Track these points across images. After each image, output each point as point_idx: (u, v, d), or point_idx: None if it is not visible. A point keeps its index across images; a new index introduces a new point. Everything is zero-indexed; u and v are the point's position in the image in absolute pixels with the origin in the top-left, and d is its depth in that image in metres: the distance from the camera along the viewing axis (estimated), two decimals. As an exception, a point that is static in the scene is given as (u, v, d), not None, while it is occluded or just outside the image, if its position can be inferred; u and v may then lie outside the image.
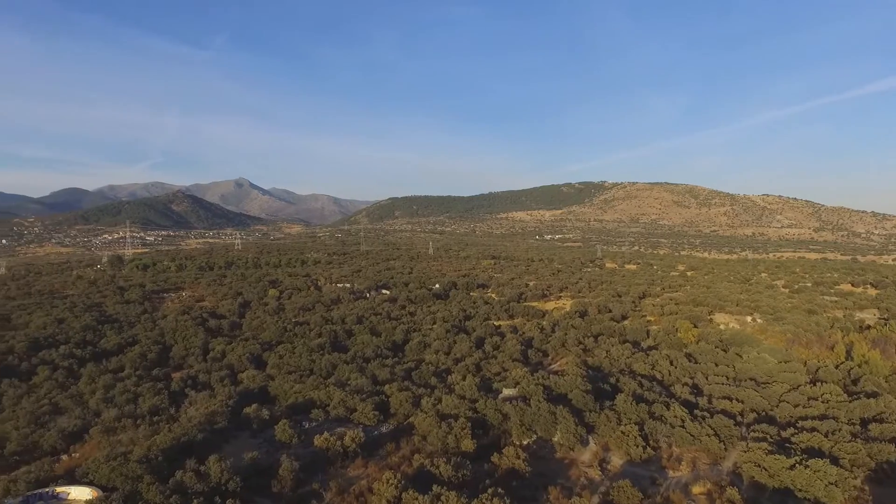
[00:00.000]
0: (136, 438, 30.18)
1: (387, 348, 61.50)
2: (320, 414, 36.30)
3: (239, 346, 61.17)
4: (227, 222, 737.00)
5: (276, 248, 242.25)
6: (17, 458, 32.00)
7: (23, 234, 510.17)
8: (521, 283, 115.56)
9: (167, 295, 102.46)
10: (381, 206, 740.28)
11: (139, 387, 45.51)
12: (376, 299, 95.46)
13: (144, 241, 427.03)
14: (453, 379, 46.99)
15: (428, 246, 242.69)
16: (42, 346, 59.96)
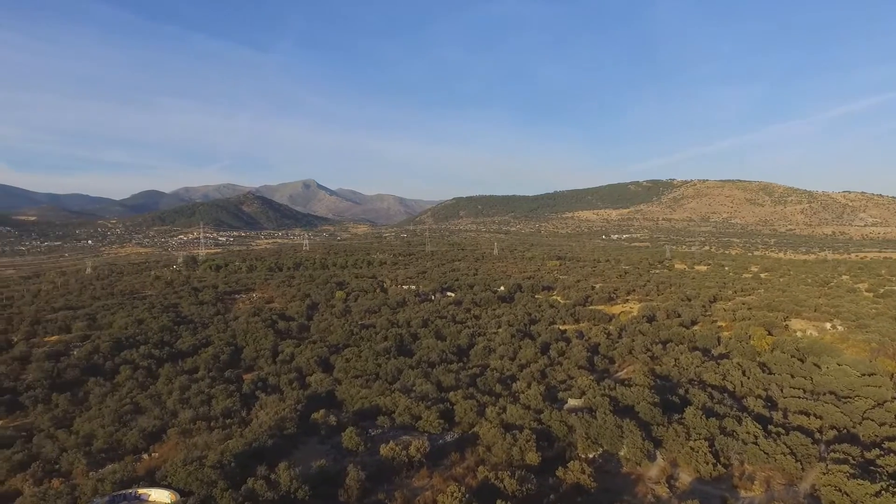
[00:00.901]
0: (210, 442, 31.65)
1: (451, 353, 61.84)
2: (386, 421, 37.00)
3: (307, 348, 62.85)
4: (295, 223, 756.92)
5: (342, 248, 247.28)
6: (103, 454, 34.15)
7: (106, 234, 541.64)
8: (586, 286, 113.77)
9: (238, 296, 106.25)
10: (446, 206, 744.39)
11: (213, 388, 47.54)
12: (441, 302, 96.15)
13: (217, 242, 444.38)
14: (518, 387, 46.92)
15: (493, 246, 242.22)
16: (124, 346, 63.49)
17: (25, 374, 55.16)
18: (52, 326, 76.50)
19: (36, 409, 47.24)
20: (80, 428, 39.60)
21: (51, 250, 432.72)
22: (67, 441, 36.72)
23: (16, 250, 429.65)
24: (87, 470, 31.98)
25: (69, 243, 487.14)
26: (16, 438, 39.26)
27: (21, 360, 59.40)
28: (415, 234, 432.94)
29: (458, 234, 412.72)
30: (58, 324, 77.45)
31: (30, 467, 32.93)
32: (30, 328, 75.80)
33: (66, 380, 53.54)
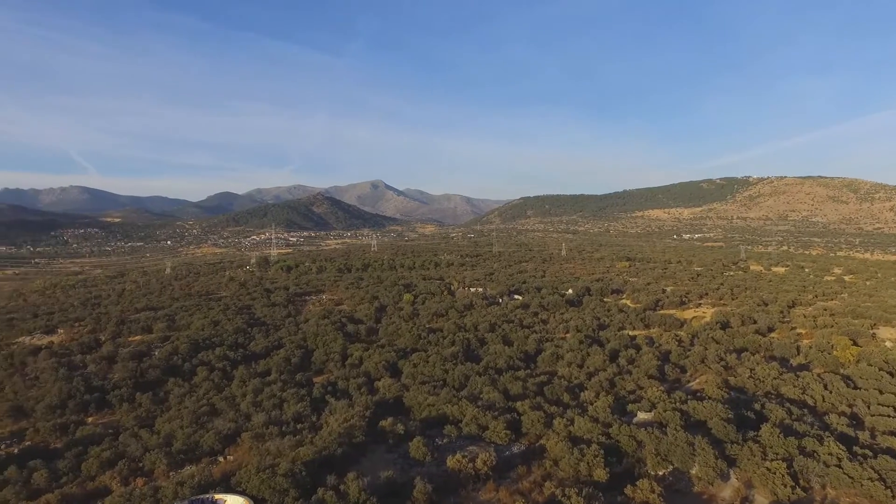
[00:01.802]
0: (282, 447, 32.76)
1: (519, 359, 61.56)
2: (453, 430, 37.24)
3: (375, 352, 63.89)
4: (363, 223, 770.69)
5: (410, 249, 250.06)
6: (182, 455, 35.90)
7: (184, 235, 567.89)
8: (657, 289, 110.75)
9: (309, 298, 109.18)
10: (513, 205, 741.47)
11: (284, 392, 49.10)
12: (508, 305, 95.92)
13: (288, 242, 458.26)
14: (586, 396, 46.30)
15: (560, 247, 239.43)
16: (201, 348, 66.45)
17: (112, 373, 58.63)
18: (135, 327, 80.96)
19: (122, 408, 50.20)
20: (162, 428, 41.77)
21: (133, 250, 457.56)
22: (150, 440, 38.77)
23: (102, 250, 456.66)
24: (167, 470, 33.75)
25: (150, 244, 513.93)
26: (104, 436, 41.82)
27: (108, 360, 63.17)
28: (482, 234, 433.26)
29: (526, 235, 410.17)
30: (140, 324, 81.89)
31: (117, 465, 34.96)
32: (115, 328, 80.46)
33: (148, 379, 56.57)
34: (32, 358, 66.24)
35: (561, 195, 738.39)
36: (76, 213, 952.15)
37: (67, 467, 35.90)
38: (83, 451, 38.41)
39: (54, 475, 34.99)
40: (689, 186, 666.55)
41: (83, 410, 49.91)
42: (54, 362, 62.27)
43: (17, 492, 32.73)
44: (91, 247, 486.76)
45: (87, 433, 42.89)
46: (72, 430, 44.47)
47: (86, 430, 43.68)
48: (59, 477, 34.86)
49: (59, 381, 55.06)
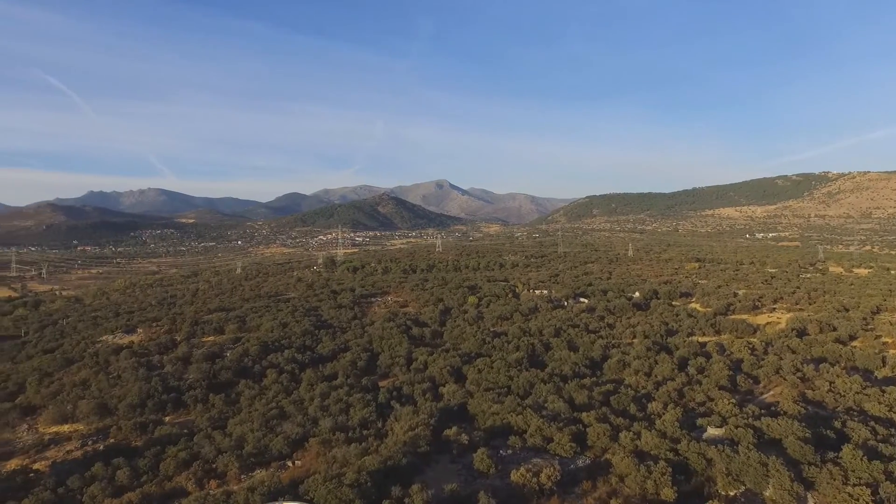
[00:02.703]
0: (348, 455, 33.53)
1: (584, 366, 60.70)
2: (517, 441, 37.13)
3: (440, 357, 64.33)
4: (427, 222, 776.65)
5: (474, 249, 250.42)
6: (252, 459, 37.25)
7: (253, 235, 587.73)
8: (728, 292, 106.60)
9: (374, 299, 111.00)
10: (579, 204, 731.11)
11: (351, 396, 50.13)
12: (574, 309, 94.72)
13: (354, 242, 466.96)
14: (653, 408, 45.18)
15: (627, 247, 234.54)
16: (270, 350, 68.68)
17: (187, 374, 61.37)
18: (208, 328, 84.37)
19: (196, 408, 52.54)
20: (233, 430, 43.46)
21: (206, 250, 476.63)
22: (222, 443, 40.39)
23: (177, 250, 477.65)
24: (239, 473, 35.12)
25: (222, 244, 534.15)
26: (180, 436, 43.86)
27: (183, 361, 66.15)
28: (547, 233, 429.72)
29: (592, 234, 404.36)
30: (213, 325, 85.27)
31: (192, 466, 36.62)
32: (190, 328, 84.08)
33: (220, 381, 58.95)
34: (115, 357, 70.15)
35: (628, 193, 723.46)
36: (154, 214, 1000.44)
37: (147, 466, 37.88)
38: (161, 450, 40.42)
39: (135, 473, 36.98)
40: (762, 183, 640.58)
41: (161, 410, 52.52)
42: (134, 362, 65.79)
43: (103, 488, 34.78)
44: (167, 247, 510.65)
45: (165, 433, 45.10)
46: (151, 430, 46.90)
47: (163, 430, 45.94)
48: (140, 475, 36.83)
49: (139, 380, 58.10)
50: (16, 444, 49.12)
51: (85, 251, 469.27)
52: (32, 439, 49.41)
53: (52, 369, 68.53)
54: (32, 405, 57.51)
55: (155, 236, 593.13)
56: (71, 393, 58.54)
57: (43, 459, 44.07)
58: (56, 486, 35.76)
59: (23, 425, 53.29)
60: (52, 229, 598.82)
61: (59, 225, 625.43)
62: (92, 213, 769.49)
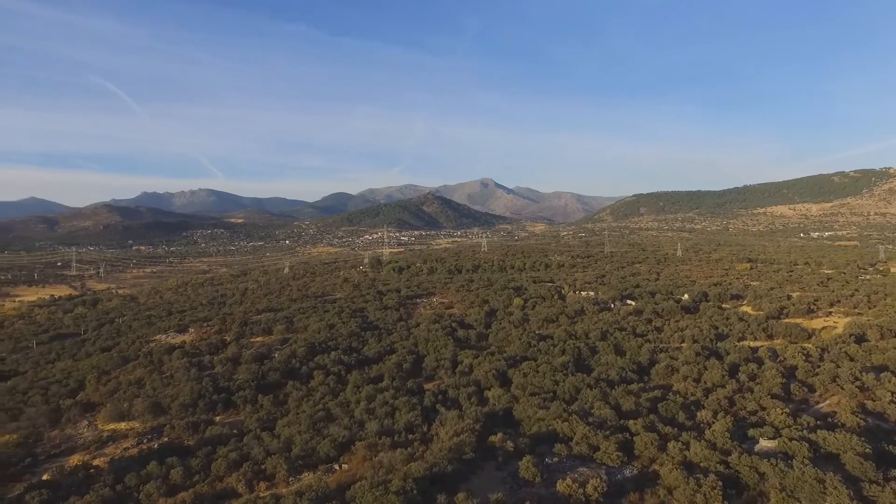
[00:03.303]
0: (394, 461, 33.88)
1: (631, 371, 59.83)
2: (563, 449, 36.89)
3: (485, 360, 64.40)
4: (473, 222, 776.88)
5: (520, 249, 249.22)
6: (300, 462, 38.03)
7: (301, 235, 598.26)
8: (781, 295, 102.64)
9: (420, 300, 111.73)
10: (626, 202, 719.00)
11: (396, 399, 50.68)
12: (621, 311, 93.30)
13: (399, 241, 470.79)
14: (703, 416, 44.21)
15: (675, 247, 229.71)
16: (317, 351, 69.92)
17: (237, 374, 62.97)
18: (256, 328, 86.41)
19: (245, 409, 53.96)
20: (282, 432, 44.50)
21: (255, 249, 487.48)
22: (271, 444, 41.39)
23: (227, 250, 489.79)
24: (287, 476, 35.94)
25: (270, 243, 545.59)
26: (230, 436, 45.13)
27: (233, 361, 67.99)
28: (593, 232, 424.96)
29: (639, 233, 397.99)
30: (261, 326, 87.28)
31: (242, 467, 37.60)
32: (239, 329, 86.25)
33: (269, 382, 60.26)
34: (168, 356, 72.57)
35: (676, 191, 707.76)
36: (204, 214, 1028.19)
37: (199, 466, 39.07)
38: (212, 450, 41.68)
39: (188, 473, 38.23)
40: (817, 180, 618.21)
41: (212, 410, 54.14)
42: (186, 362, 67.93)
43: (158, 487, 36.10)
44: (217, 246, 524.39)
45: (216, 433, 46.49)
46: (202, 429, 48.43)
47: (214, 430, 47.37)
48: (192, 475, 38.04)
49: (191, 381, 59.98)
50: (77, 440, 51.45)
51: (139, 250, 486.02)
52: (92, 436, 51.63)
53: (109, 367, 71.40)
54: (92, 402, 60.16)
55: (205, 236, 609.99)
56: (127, 391, 60.92)
57: (102, 456, 46.01)
58: (114, 483, 37.29)
59: (83, 422, 55.76)
60: (108, 229, 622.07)
61: (115, 225, 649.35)
62: (146, 214, 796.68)
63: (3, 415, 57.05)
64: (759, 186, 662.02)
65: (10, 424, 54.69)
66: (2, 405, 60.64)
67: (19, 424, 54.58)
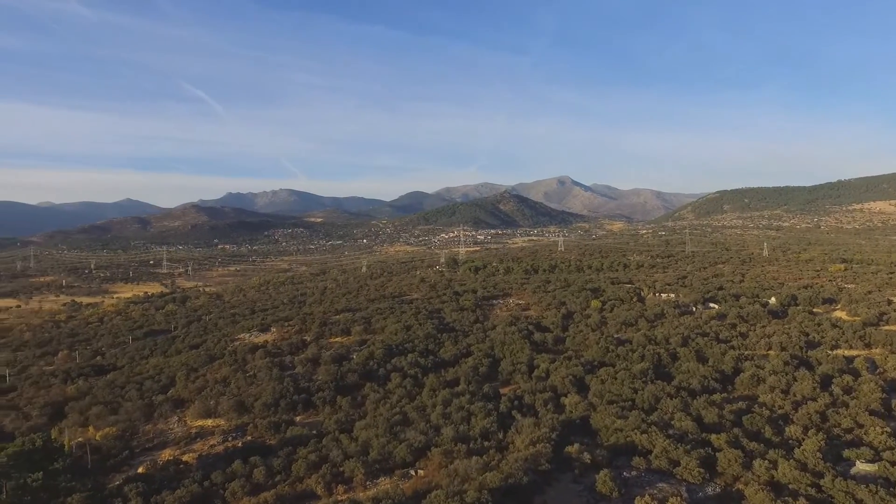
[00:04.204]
0: (469, 470, 34.00)
1: (714, 379, 57.50)
2: (641, 462, 36.02)
3: (562, 365, 63.60)
4: (549, 220, 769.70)
5: (597, 248, 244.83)
6: (377, 466, 38.82)
7: (378, 234, 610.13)
8: (880, 299, 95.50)
9: (496, 301, 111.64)
10: (708, 199, 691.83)
11: (472, 404, 50.83)
12: (703, 315, 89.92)
13: (475, 240, 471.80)
14: (792, 432, 41.92)
15: (762, 246, 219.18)
16: (394, 353, 71.05)
17: (316, 375, 64.89)
18: (335, 328, 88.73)
19: (324, 410, 55.50)
20: (359, 434, 45.48)
21: (333, 248, 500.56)
22: (349, 447, 42.38)
23: (307, 248, 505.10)
24: (364, 480, 36.75)
25: (348, 242, 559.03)
26: (310, 437, 46.50)
27: (313, 362, 70.13)
28: (673, 231, 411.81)
29: (722, 232, 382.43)
30: (340, 326, 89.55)
31: (321, 469, 38.70)
32: (319, 329, 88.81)
33: (347, 383, 61.74)
34: (251, 356, 75.64)
35: (762, 187, 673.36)
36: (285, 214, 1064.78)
37: (280, 466, 40.50)
38: (293, 451, 43.10)
39: (270, 472, 39.69)
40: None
41: (293, 410, 56.00)
42: (268, 362, 70.59)
43: (242, 486, 37.71)
44: (297, 245, 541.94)
45: (296, 433, 48.04)
46: (283, 429, 50.16)
47: (295, 430, 48.97)
48: (274, 475, 39.48)
49: (273, 380, 62.25)
50: (168, 435, 54.39)
51: (224, 249, 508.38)
52: (182, 431, 54.49)
53: (196, 365, 75.07)
54: (181, 399, 63.50)
55: (286, 235, 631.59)
56: (213, 389, 63.87)
57: (191, 452, 48.44)
58: (202, 480, 39.21)
59: (174, 417, 58.96)
60: (196, 229, 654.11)
61: (202, 225, 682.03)
62: (230, 214, 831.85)
63: (104, 408, 61.06)
64: (854, 181, 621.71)
65: (110, 417, 58.55)
66: (103, 398, 64.94)
67: (118, 418, 58.36)
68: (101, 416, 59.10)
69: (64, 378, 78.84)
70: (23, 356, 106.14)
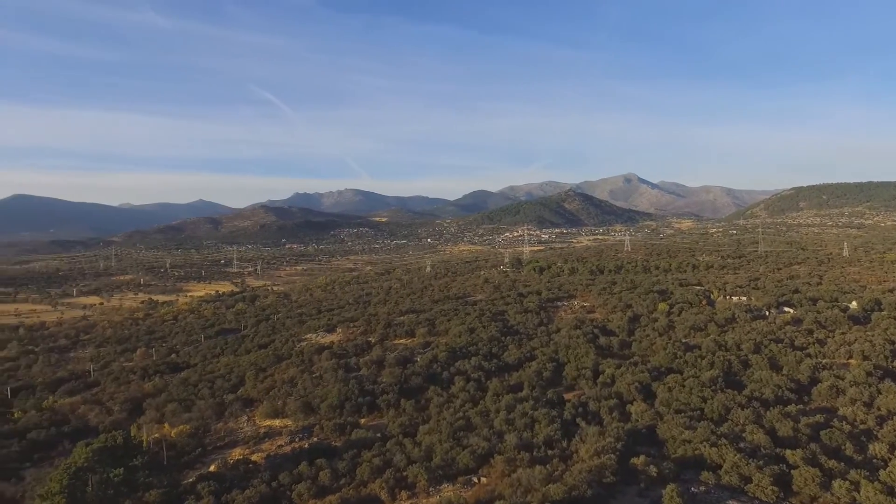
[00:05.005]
0: (532, 479, 33.69)
1: (789, 389, 54.87)
2: (710, 477, 34.78)
3: (628, 371, 62.22)
4: (615, 219, 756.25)
5: (664, 248, 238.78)
6: (440, 472, 38.97)
7: (442, 233, 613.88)
8: None
9: (560, 303, 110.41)
10: (783, 196, 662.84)
11: (536, 411, 50.38)
12: (777, 320, 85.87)
13: (540, 240, 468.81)
14: (876, 450, 39.37)
15: (841, 246, 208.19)
16: (458, 356, 71.19)
17: (381, 377, 65.68)
18: (400, 330, 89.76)
19: (388, 413, 56.12)
20: (423, 439, 45.79)
21: (398, 248, 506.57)
22: (412, 452, 42.74)
23: (372, 248, 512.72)
24: (427, 486, 36.97)
25: (412, 241, 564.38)
26: (374, 441, 47.15)
27: (378, 364, 71.07)
28: (745, 230, 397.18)
29: (798, 230, 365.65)
30: (404, 328, 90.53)
31: (384, 473, 39.16)
32: (383, 331, 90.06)
33: (411, 386, 62.16)
34: (318, 356, 77.37)
35: (842, 183, 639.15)
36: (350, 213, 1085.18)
37: (345, 469, 41.24)
38: (357, 454, 43.79)
39: (335, 475, 40.46)
40: None
41: (357, 412, 56.92)
42: (334, 363, 72.03)
43: (308, 488, 38.58)
44: (362, 244, 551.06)
45: (361, 436, 48.82)
46: (348, 431, 51.10)
47: (359, 433, 49.74)
48: (339, 478, 40.23)
49: (339, 382, 63.41)
50: (238, 433, 56.25)
51: (291, 249, 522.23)
52: (251, 431, 56.27)
53: (265, 365, 77.36)
54: (250, 398, 65.55)
55: (351, 235, 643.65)
56: (281, 389, 65.62)
57: (259, 451, 49.93)
58: (270, 481, 40.33)
59: (243, 416, 60.97)
60: (264, 229, 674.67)
61: (270, 225, 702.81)
62: (297, 214, 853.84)
63: (178, 406, 63.80)
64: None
65: (184, 415, 61.11)
66: (177, 396, 67.84)
67: (191, 415, 60.84)
68: (176, 413, 61.75)
69: (142, 375, 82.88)
70: (105, 352, 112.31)
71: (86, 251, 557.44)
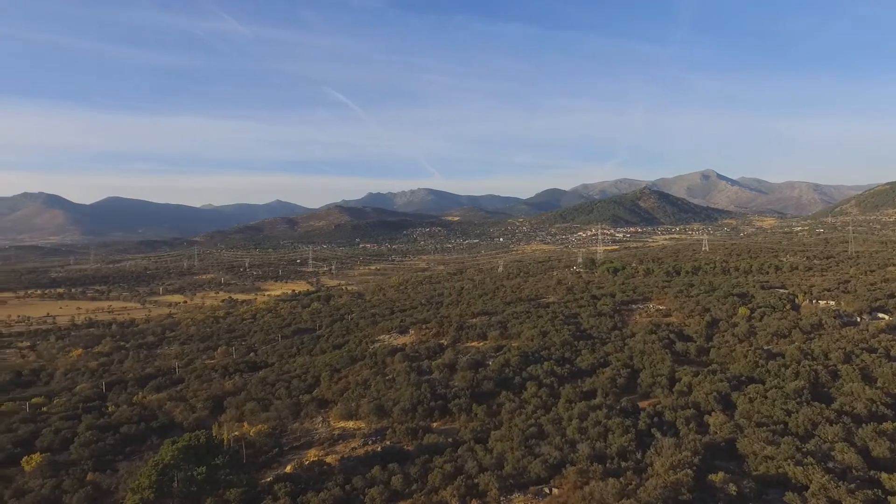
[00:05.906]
0: (605, 494, 32.96)
1: (884, 404, 51.32)
2: (795, 499, 32.96)
3: (706, 379, 60.00)
4: (693, 217, 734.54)
5: (745, 248, 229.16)
6: (511, 481, 38.76)
7: (514, 232, 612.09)
8: None
9: (635, 306, 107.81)
10: (876, 192, 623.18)
11: (609, 419, 49.34)
12: (870, 327, 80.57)
13: (614, 239, 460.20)
14: None
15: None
16: (530, 361, 70.58)
17: (453, 381, 65.97)
18: (472, 333, 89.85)
19: (460, 418, 56.30)
20: (494, 446, 45.66)
21: (470, 247, 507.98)
22: (484, 459, 42.67)
23: (444, 247, 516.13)
24: (498, 495, 36.85)
25: (485, 241, 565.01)
26: (446, 446, 47.34)
27: (449, 367, 71.36)
28: (833, 228, 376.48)
29: (894, 229, 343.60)
30: (476, 330, 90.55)
31: (455, 480, 39.27)
32: (455, 333, 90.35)
33: (483, 390, 62.13)
34: (390, 358, 78.44)
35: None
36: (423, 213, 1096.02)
37: (417, 474, 41.58)
38: (429, 459, 44.08)
39: (407, 480, 40.87)
40: None
41: (429, 416, 57.36)
42: (407, 366, 72.88)
43: (380, 492, 39.13)
44: (435, 244, 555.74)
45: (432, 441, 49.14)
46: (420, 435, 51.53)
47: (431, 438, 50.10)
48: (411, 483, 40.60)
49: (411, 385, 64.03)
50: (313, 434, 57.70)
51: (365, 248, 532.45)
52: (325, 432, 57.60)
53: (339, 366, 79.06)
54: (325, 399, 67.12)
55: (424, 234, 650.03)
56: (354, 391, 66.86)
57: (333, 453, 51.04)
58: (344, 484, 41.14)
59: (318, 417, 62.52)
60: (339, 229, 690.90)
61: (344, 225, 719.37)
62: (371, 214, 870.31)
63: (257, 405, 66.05)
64: None
65: (262, 414, 63.21)
66: (256, 395, 70.25)
67: (269, 415, 62.84)
68: (255, 412, 63.97)
69: (223, 373, 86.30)
70: (188, 349, 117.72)
71: (170, 251, 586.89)
